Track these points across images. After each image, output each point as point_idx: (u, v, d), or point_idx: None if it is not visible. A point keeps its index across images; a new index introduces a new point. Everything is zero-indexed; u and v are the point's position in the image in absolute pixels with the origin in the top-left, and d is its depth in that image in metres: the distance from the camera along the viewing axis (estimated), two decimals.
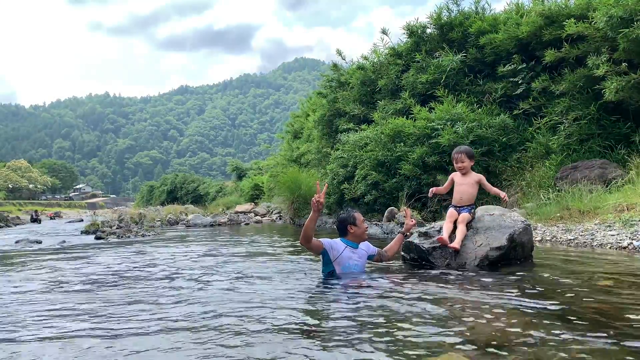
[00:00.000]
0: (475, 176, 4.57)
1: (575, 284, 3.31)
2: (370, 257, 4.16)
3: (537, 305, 2.72)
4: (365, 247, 4.12)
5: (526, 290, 3.13)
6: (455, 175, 4.62)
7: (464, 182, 4.52)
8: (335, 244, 3.90)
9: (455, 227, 4.42)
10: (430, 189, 4.80)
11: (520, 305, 2.74)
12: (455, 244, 4.28)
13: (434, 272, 4.07)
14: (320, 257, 3.95)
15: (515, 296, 2.96)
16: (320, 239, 3.85)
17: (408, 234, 4.54)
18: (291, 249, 6.91)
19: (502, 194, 4.51)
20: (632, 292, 3.00)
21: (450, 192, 4.73)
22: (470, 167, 4.57)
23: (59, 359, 2.10)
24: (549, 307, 2.68)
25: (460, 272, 3.96)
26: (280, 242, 8.49)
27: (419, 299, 2.99)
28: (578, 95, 8.45)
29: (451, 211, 4.54)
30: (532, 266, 4.26)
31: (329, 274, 3.86)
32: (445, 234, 4.39)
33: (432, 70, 11.30)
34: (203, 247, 7.46)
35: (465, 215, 4.41)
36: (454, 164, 4.61)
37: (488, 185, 4.59)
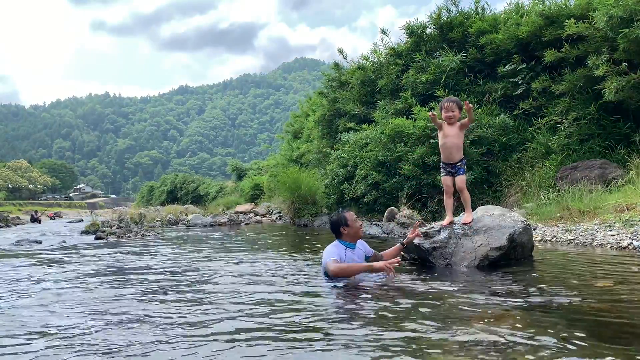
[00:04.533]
0: (458, 124, 4.50)
1: (576, 284, 3.31)
2: (366, 258, 4.14)
3: (537, 305, 2.72)
4: (363, 246, 4.12)
5: (526, 290, 3.13)
6: (444, 125, 4.54)
7: (451, 133, 4.49)
8: (339, 250, 3.89)
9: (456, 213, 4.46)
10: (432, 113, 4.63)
11: (520, 305, 2.74)
12: (467, 217, 4.35)
13: (434, 272, 4.07)
14: (322, 260, 3.95)
15: (515, 296, 2.97)
16: (332, 257, 3.79)
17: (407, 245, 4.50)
18: (291, 249, 6.91)
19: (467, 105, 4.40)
20: (632, 292, 3.01)
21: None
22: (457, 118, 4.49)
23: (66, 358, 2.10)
24: (549, 307, 2.68)
25: (461, 272, 3.97)
26: (280, 242, 8.50)
27: (419, 299, 2.99)
28: (578, 95, 8.45)
29: (447, 180, 4.54)
30: (532, 266, 4.26)
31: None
32: (448, 212, 4.54)
33: (432, 70, 11.30)
34: (202, 248, 7.46)
35: (462, 178, 4.44)
36: (442, 114, 4.52)
37: (467, 119, 4.49)
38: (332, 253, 3.86)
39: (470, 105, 4.43)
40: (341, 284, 3.57)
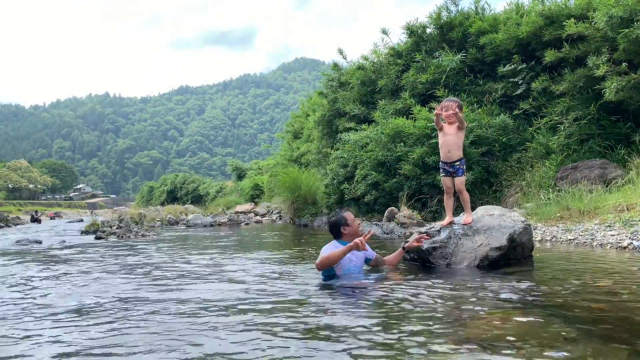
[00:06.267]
0: (457, 124, 4.50)
1: (575, 284, 3.31)
2: (367, 260, 4.14)
3: (537, 305, 2.72)
4: None
5: (526, 290, 3.13)
6: (444, 124, 4.55)
7: (450, 132, 4.51)
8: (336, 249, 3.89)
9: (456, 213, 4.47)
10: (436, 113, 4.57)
11: (520, 305, 2.74)
12: (467, 218, 4.38)
13: (433, 272, 4.07)
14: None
15: (515, 296, 2.97)
16: (324, 254, 3.80)
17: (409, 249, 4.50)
18: (290, 249, 6.91)
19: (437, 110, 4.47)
20: (632, 292, 3.00)
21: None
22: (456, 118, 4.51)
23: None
24: (549, 307, 2.68)
25: (460, 272, 3.97)
26: (279, 242, 8.51)
27: (419, 300, 2.99)
28: (578, 95, 8.45)
29: (446, 181, 4.57)
30: (532, 266, 4.26)
31: (329, 276, 3.85)
32: (448, 212, 4.57)
33: (432, 70, 11.30)
34: (201, 247, 7.46)
35: (461, 180, 4.49)
36: (443, 113, 4.49)
37: (460, 118, 4.48)
38: (329, 249, 3.85)
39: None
40: (340, 285, 3.57)
